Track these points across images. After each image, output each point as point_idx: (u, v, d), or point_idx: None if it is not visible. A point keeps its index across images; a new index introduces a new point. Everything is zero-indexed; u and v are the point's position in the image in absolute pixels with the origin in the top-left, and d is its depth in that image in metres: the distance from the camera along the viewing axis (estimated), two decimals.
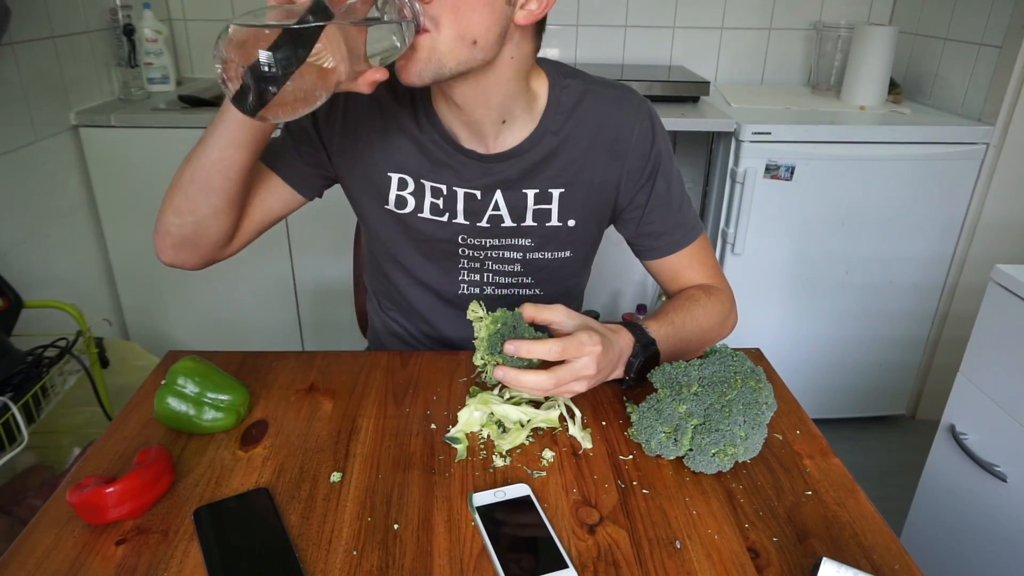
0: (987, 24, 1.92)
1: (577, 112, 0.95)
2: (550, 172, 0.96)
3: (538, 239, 1.00)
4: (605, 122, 0.95)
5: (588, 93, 0.95)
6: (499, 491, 0.71)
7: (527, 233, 0.99)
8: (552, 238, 1.00)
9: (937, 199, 1.95)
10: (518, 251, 1.01)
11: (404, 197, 0.98)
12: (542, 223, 0.99)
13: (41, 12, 1.75)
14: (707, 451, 0.74)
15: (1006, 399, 1.23)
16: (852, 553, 0.66)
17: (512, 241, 1.00)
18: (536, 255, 1.02)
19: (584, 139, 0.95)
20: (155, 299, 2.09)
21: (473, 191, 0.97)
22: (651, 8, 2.34)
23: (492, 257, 1.02)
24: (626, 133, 0.95)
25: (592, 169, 0.96)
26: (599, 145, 0.96)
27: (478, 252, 1.02)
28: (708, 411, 0.76)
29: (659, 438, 0.76)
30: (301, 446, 0.79)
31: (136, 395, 0.88)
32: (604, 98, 0.96)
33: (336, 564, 0.64)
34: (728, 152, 1.95)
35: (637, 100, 0.97)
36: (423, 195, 0.98)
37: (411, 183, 0.97)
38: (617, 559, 0.65)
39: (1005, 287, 1.23)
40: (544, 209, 0.98)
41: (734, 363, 0.81)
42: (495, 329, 0.77)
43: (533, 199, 0.97)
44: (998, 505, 1.25)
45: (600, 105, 0.95)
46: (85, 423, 1.58)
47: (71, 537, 0.66)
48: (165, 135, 1.88)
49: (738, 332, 1.01)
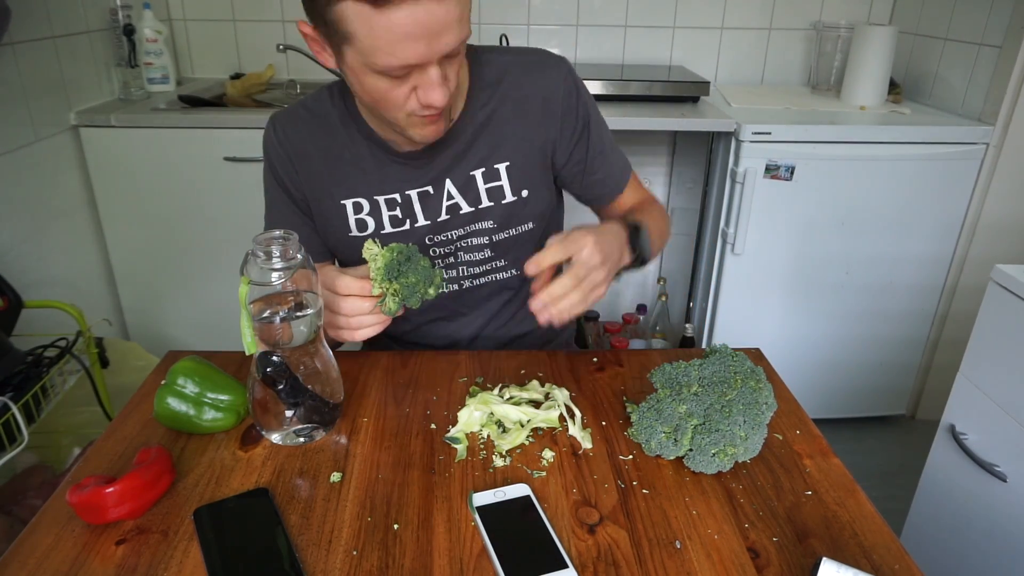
0: (987, 24, 1.92)
1: (503, 84, 0.98)
2: (488, 145, 0.98)
3: (499, 218, 1.02)
4: (531, 87, 0.98)
5: (509, 64, 0.99)
6: (499, 491, 0.71)
7: (487, 215, 1.01)
8: (512, 214, 1.02)
9: (937, 199, 1.95)
10: (483, 235, 1.03)
11: (363, 220, 1.01)
12: (498, 201, 1.01)
13: (41, 12, 1.75)
14: (707, 451, 0.74)
15: (1006, 399, 1.23)
16: (852, 553, 0.66)
17: (475, 226, 1.02)
18: (502, 235, 1.03)
19: (514, 107, 0.98)
20: (155, 299, 2.09)
21: (424, 187, 0.99)
22: (651, 8, 2.34)
23: (461, 247, 1.03)
24: (553, 93, 0.99)
25: (529, 135, 0.99)
26: (530, 110, 0.99)
27: (447, 248, 1.03)
28: (708, 411, 0.76)
29: (659, 438, 0.76)
30: (301, 446, 0.79)
31: (136, 395, 0.88)
32: (525, 65, 0.99)
33: (336, 564, 0.64)
34: (728, 152, 1.95)
35: (556, 60, 1.01)
36: (379, 212, 1.00)
37: (366, 204, 1.00)
38: (617, 559, 0.65)
39: (1005, 287, 1.23)
40: (496, 187, 1.00)
41: (734, 363, 0.81)
42: (391, 257, 0.79)
43: (482, 178, 0.99)
44: (998, 505, 1.25)
45: (523, 72, 0.99)
46: (85, 423, 1.58)
47: (71, 537, 0.66)
48: (165, 135, 1.88)
49: (738, 332, 1.02)
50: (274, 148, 1.00)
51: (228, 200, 1.94)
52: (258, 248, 0.71)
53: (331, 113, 0.99)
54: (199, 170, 1.91)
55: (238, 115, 1.97)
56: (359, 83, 0.83)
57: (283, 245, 0.72)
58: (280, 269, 0.71)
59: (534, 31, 2.36)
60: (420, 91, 0.81)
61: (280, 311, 0.74)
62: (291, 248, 0.72)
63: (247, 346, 0.74)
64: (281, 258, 0.71)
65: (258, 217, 1.09)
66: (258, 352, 0.75)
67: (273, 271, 0.71)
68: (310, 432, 0.79)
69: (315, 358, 0.78)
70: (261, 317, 0.74)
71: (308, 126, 0.99)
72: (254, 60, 2.37)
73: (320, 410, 0.79)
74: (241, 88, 2.18)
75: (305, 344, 0.76)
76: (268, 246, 0.71)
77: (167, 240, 2.00)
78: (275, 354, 0.74)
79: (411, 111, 0.84)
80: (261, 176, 1.05)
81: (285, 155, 1.00)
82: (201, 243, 1.99)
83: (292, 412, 0.77)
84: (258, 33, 2.33)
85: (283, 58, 2.34)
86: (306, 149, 0.99)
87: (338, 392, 0.81)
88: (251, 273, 0.71)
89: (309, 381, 0.77)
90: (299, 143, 0.99)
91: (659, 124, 1.91)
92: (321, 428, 0.80)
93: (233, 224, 1.95)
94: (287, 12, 2.31)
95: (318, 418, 0.79)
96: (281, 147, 1.00)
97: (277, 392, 0.75)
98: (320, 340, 0.78)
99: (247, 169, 1.90)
